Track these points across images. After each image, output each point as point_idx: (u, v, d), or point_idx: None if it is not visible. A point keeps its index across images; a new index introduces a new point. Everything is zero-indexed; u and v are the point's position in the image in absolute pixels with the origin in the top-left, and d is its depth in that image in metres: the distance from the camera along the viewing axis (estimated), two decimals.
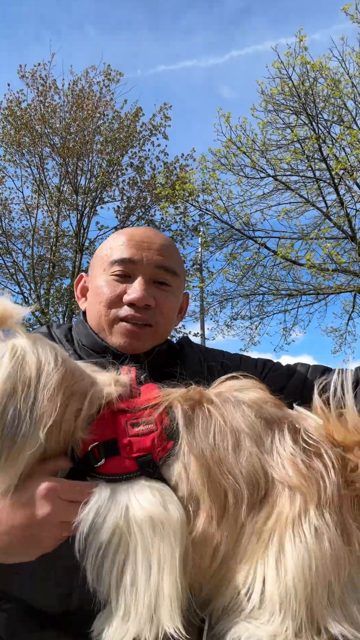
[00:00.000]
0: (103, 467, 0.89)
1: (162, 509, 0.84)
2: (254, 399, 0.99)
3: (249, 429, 0.93)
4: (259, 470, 0.90)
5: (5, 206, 13.94)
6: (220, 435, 0.92)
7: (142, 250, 1.26)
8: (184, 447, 0.91)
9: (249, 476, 0.89)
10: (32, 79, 13.62)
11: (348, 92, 10.30)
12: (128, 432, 0.91)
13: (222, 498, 0.87)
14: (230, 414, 0.95)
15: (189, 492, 0.88)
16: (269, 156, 11.06)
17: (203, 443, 0.91)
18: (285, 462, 0.90)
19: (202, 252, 12.29)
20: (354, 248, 10.75)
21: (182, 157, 13.79)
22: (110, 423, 0.92)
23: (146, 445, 0.90)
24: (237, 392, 1.00)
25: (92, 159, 13.70)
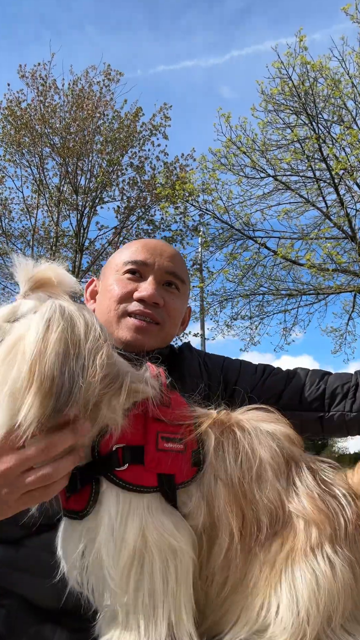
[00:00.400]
0: (124, 472, 0.85)
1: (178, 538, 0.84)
2: (282, 432, 0.98)
3: (272, 460, 0.92)
4: (279, 503, 0.89)
5: (5, 206, 13.94)
6: (247, 462, 0.91)
7: (155, 256, 1.35)
8: (209, 475, 0.89)
9: (270, 509, 0.88)
10: (32, 79, 13.62)
11: (348, 92, 10.31)
12: (158, 445, 0.88)
13: (243, 526, 0.87)
14: (257, 443, 0.94)
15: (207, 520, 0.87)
16: (269, 156, 11.07)
17: (231, 468, 0.90)
18: (303, 496, 0.90)
19: (202, 252, 12.30)
20: (354, 248, 10.75)
21: (182, 157, 13.80)
22: (141, 428, 0.89)
23: (172, 465, 0.87)
24: (265, 423, 0.99)
25: (92, 159, 13.70)
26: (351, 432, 1.38)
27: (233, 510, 0.86)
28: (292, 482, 0.93)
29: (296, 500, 0.90)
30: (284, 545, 0.87)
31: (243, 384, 1.41)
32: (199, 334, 13.03)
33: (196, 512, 0.87)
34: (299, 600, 0.82)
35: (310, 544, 0.86)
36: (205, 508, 0.87)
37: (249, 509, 0.88)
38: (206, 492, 0.88)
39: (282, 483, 0.92)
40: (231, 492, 0.88)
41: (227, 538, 0.85)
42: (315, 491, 0.91)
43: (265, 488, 0.90)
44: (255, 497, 0.89)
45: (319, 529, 0.87)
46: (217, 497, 0.88)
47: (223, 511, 0.87)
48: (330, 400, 1.38)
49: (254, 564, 0.86)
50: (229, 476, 0.89)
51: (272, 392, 1.39)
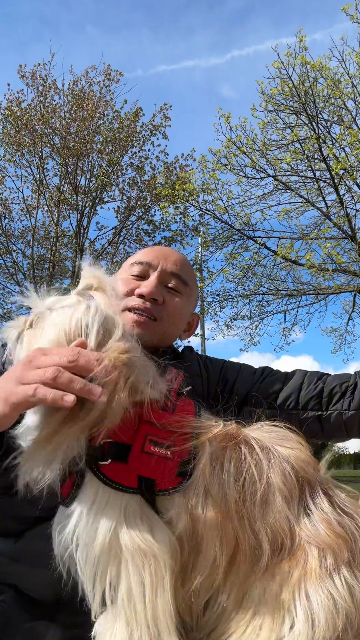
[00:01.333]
0: (106, 468, 0.87)
1: (152, 544, 0.82)
2: (297, 457, 0.95)
3: (283, 484, 0.90)
4: (285, 529, 0.87)
5: (5, 206, 13.94)
6: (250, 485, 0.89)
7: (160, 258, 1.41)
8: (199, 487, 0.87)
9: (273, 534, 0.86)
10: (32, 79, 13.62)
11: (348, 92, 10.30)
12: (143, 447, 0.88)
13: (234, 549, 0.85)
14: (266, 466, 0.91)
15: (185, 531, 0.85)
16: (269, 156, 11.07)
17: (228, 488, 0.87)
18: (318, 521, 0.88)
19: (202, 252, 12.30)
20: (354, 248, 10.75)
21: (182, 157, 13.80)
22: (133, 427, 0.89)
23: (155, 470, 0.87)
24: (279, 444, 0.96)
25: (92, 159, 13.70)
26: (350, 432, 1.38)
27: (219, 531, 0.84)
28: (305, 507, 0.90)
29: (309, 526, 0.88)
30: (291, 571, 0.84)
31: (242, 384, 1.42)
32: (199, 334, 13.03)
33: (176, 521, 0.86)
34: (316, 622, 0.80)
35: (327, 568, 0.84)
36: (185, 521, 0.85)
37: (244, 533, 0.85)
38: (191, 506, 0.86)
39: (294, 510, 0.89)
40: (222, 511, 0.85)
41: (211, 559, 0.83)
42: (332, 516, 0.89)
43: (271, 514, 0.87)
44: (255, 522, 0.86)
45: (334, 553, 0.85)
46: (205, 514, 0.85)
47: (208, 531, 0.84)
48: (328, 399, 1.38)
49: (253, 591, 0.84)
50: (223, 495, 0.86)
51: (270, 392, 1.40)
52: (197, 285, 1.52)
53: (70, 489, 0.87)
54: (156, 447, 0.88)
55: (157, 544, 0.82)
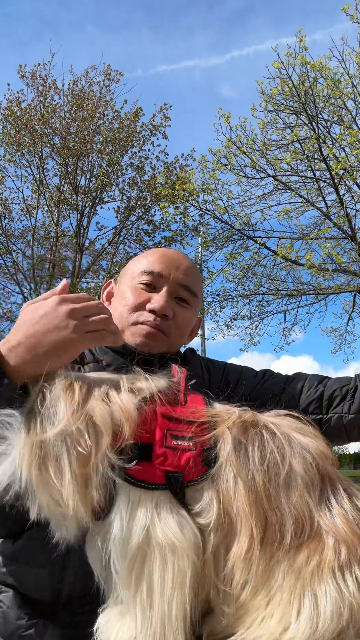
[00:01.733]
0: (133, 469, 0.87)
1: (181, 538, 0.83)
2: (316, 448, 0.95)
3: (304, 472, 0.90)
4: (306, 513, 0.88)
5: (5, 206, 13.94)
6: (274, 467, 0.89)
7: (171, 269, 1.38)
8: (227, 473, 0.88)
9: (296, 517, 0.87)
10: (32, 79, 13.63)
11: (348, 92, 10.31)
12: (165, 442, 0.89)
13: (264, 529, 0.86)
14: (289, 451, 0.92)
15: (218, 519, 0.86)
16: (269, 156, 11.07)
17: (255, 469, 0.88)
18: (337, 515, 0.89)
19: (202, 252, 12.30)
20: (354, 248, 10.76)
21: (182, 157, 13.81)
22: (149, 425, 0.90)
23: (180, 463, 0.88)
24: (298, 434, 0.97)
25: (92, 159, 13.70)
26: (350, 435, 1.38)
27: (253, 512, 0.85)
28: (326, 499, 0.90)
29: (328, 517, 0.88)
30: (310, 558, 0.85)
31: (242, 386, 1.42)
32: (199, 334, 13.02)
33: (207, 510, 0.87)
34: (320, 616, 0.81)
35: (339, 562, 0.84)
36: (217, 507, 0.86)
37: (273, 513, 0.86)
38: (222, 491, 0.87)
39: (314, 497, 0.89)
40: (252, 492, 0.86)
41: (247, 539, 0.84)
42: (350, 514, 0.89)
43: (293, 496, 0.88)
44: (280, 502, 0.87)
45: (348, 548, 0.85)
46: (237, 496, 0.87)
47: (242, 511, 0.86)
48: (329, 403, 1.39)
49: (277, 570, 0.85)
50: (251, 476, 0.87)
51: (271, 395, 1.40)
52: (202, 290, 1.52)
53: (105, 503, 0.87)
54: (177, 440, 0.89)
55: (186, 540, 0.83)
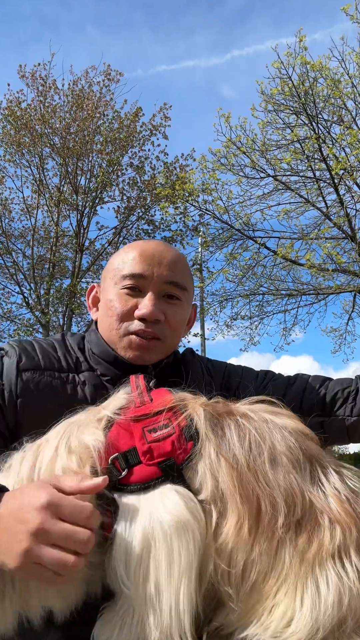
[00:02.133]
0: (126, 478, 0.88)
1: (187, 514, 0.82)
2: (295, 428, 0.94)
3: (289, 452, 0.89)
4: (297, 491, 0.86)
5: (5, 206, 13.93)
6: (255, 446, 0.88)
7: (153, 266, 1.28)
8: (209, 448, 0.88)
9: (286, 493, 0.85)
10: (32, 79, 13.63)
11: (348, 92, 10.30)
12: (146, 439, 0.89)
13: (255, 506, 0.84)
14: (268, 432, 0.91)
15: (214, 493, 0.86)
16: (269, 156, 11.06)
17: (235, 448, 0.88)
18: (329, 495, 0.87)
19: (202, 252, 12.29)
20: (354, 248, 10.75)
21: (182, 157, 13.80)
22: (127, 432, 0.91)
23: (167, 450, 0.88)
24: (274, 416, 0.96)
25: (92, 159, 13.70)
26: (352, 437, 1.38)
27: (237, 488, 0.84)
28: (318, 480, 0.89)
29: (322, 497, 0.87)
30: (311, 540, 0.83)
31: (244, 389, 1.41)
32: (199, 334, 13.04)
33: (204, 483, 0.87)
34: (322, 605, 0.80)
35: (336, 546, 0.83)
36: (211, 479, 0.86)
37: (261, 488, 0.85)
38: (209, 465, 0.87)
39: (304, 477, 0.88)
40: (235, 470, 0.86)
41: (235, 516, 0.84)
42: (343, 493, 0.88)
43: (280, 473, 0.86)
44: (268, 478, 0.85)
45: (343, 530, 0.84)
46: (220, 473, 0.86)
47: (227, 489, 0.85)
48: (331, 405, 1.38)
49: (283, 552, 0.83)
50: (232, 454, 0.87)
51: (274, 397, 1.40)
52: (192, 278, 1.44)
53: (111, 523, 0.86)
54: (155, 432, 0.90)
55: (190, 514, 0.82)
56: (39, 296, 13.39)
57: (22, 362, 1.24)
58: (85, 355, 1.33)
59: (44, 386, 1.23)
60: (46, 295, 13.56)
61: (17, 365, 1.23)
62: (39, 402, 1.21)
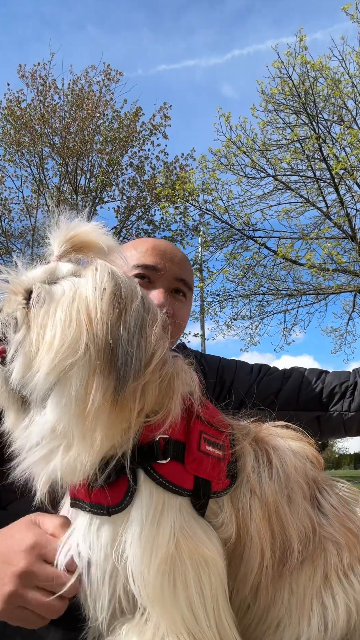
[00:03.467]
0: (163, 467, 0.78)
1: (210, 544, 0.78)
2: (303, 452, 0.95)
3: (301, 480, 0.90)
4: (308, 524, 0.86)
5: (5, 206, 13.93)
6: (282, 482, 0.88)
7: (166, 261, 1.30)
8: (245, 489, 0.85)
9: (300, 530, 0.85)
10: (31, 78, 13.62)
11: (348, 92, 10.29)
12: (200, 446, 0.82)
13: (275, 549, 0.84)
14: (288, 461, 0.91)
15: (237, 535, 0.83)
16: (269, 156, 11.06)
17: (267, 488, 0.86)
18: (331, 517, 0.88)
19: (202, 252, 12.29)
20: (354, 248, 10.75)
21: (182, 157, 13.80)
22: (184, 424, 0.83)
23: (211, 471, 0.82)
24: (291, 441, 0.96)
25: (92, 158, 13.69)
26: (349, 432, 1.37)
27: (265, 529, 0.83)
28: (316, 503, 0.90)
29: (325, 522, 0.88)
30: (316, 571, 0.84)
31: (239, 384, 1.40)
32: (199, 334, 13.03)
33: (227, 524, 0.82)
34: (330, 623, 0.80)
35: (343, 567, 0.84)
36: (236, 522, 0.82)
37: (281, 530, 0.84)
38: (240, 506, 0.83)
39: (311, 504, 0.89)
40: (265, 509, 0.84)
41: (259, 557, 0.82)
42: (341, 510, 0.89)
43: (296, 509, 0.86)
44: (287, 517, 0.85)
45: (350, 550, 0.85)
46: (252, 512, 0.83)
47: (255, 528, 0.82)
48: (328, 400, 1.37)
49: (284, 589, 0.83)
50: (264, 493, 0.85)
51: (269, 392, 1.38)
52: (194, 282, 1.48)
53: (123, 497, 0.78)
54: (211, 446, 0.84)
55: (214, 548, 0.78)
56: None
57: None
58: None
59: None
60: None
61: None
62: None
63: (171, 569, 0.75)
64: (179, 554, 0.75)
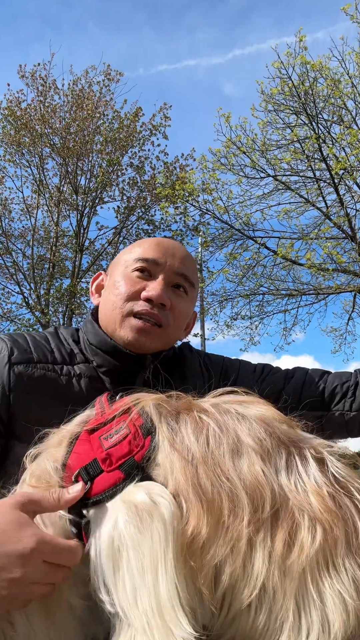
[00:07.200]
0: (90, 491, 0.82)
1: (148, 501, 0.76)
2: (263, 415, 0.87)
3: (255, 444, 0.82)
4: (264, 484, 0.78)
5: (5, 206, 13.94)
6: (214, 440, 0.82)
7: (167, 256, 1.31)
8: (163, 441, 0.83)
9: (252, 487, 0.77)
10: (32, 79, 13.64)
11: (348, 92, 10.31)
12: (104, 446, 0.85)
13: (215, 503, 0.77)
14: (232, 425, 0.85)
15: (174, 488, 0.80)
16: (269, 156, 11.07)
17: (190, 442, 0.83)
18: (308, 490, 0.78)
19: (202, 252, 12.29)
20: (354, 248, 10.76)
21: (182, 157, 13.81)
22: (86, 446, 0.88)
23: (124, 451, 0.84)
24: (239, 406, 0.89)
25: (92, 159, 13.70)
26: (351, 433, 1.37)
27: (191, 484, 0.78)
28: (295, 470, 0.81)
29: (299, 492, 0.78)
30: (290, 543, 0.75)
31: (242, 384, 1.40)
32: (199, 334, 13.03)
33: (169, 476, 0.81)
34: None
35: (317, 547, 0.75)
36: (170, 472, 0.81)
37: (219, 483, 0.77)
38: (167, 458, 0.82)
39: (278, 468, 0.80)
40: (190, 463, 0.80)
41: (195, 513, 0.77)
42: (324, 488, 0.79)
43: (244, 465, 0.79)
44: (228, 471, 0.79)
45: (326, 533, 0.75)
46: (174, 468, 0.81)
47: (182, 485, 0.79)
48: (330, 400, 1.38)
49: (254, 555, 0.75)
50: (185, 447, 0.82)
51: (271, 392, 1.39)
52: (198, 282, 1.45)
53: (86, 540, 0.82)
54: (112, 437, 0.86)
55: (155, 505, 0.76)
56: (38, 296, 13.39)
57: (14, 356, 1.22)
58: (80, 346, 1.32)
59: (38, 379, 1.22)
60: (46, 295, 13.57)
61: (8, 359, 1.22)
62: (33, 395, 1.20)
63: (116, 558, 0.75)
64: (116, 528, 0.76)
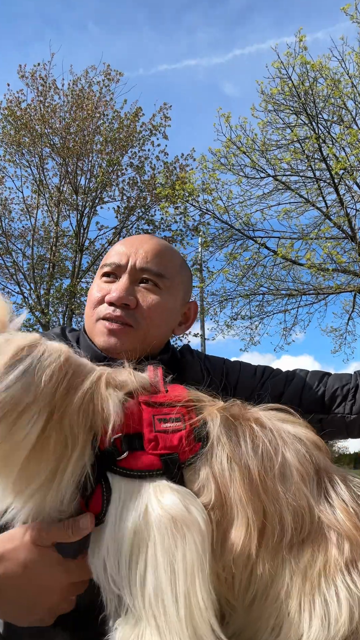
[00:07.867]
0: (125, 461, 0.83)
1: (184, 511, 0.77)
2: (308, 438, 0.91)
3: (300, 465, 0.86)
4: (305, 507, 0.83)
5: (5, 206, 13.95)
6: (268, 459, 0.85)
7: (130, 255, 1.28)
8: (220, 454, 0.84)
9: (295, 512, 0.82)
10: (32, 79, 13.64)
11: (348, 92, 10.31)
12: (155, 427, 0.85)
13: (262, 521, 0.81)
14: (281, 443, 0.87)
15: (217, 499, 0.82)
16: (269, 156, 11.07)
17: (249, 457, 0.84)
18: (338, 509, 0.84)
19: (202, 252, 12.29)
20: (354, 248, 10.76)
21: (182, 157, 13.81)
22: (135, 415, 0.87)
23: (173, 444, 0.84)
24: (289, 425, 0.93)
25: (92, 159, 13.71)
26: (351, 435, 1.38)
27: (250, 499, 0.81)
28: (325, 493, 0.86)
29: (329, 511, 0.84)
30: (315, 556, 0.80)
31: (242, 386, 1.40)
32: (199, 334, 13.04)
33: (205, 488, 0.83)
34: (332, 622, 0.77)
35: (345, 560, 0.80)
36: (215, 485, 0.82)
37: (270, 504, 0.81)
38: (217, 472, 0.83)
39: (312, 491, 0.85)
40: (248, 480, 0.82)
41: (244, 527, 0.80)
42: (351, 506, 0.85)
43: (290, 488, 0.83)
44: (278, 493, 0.82)
45: (352, 544, 0.81)
46: (232, 481, 0.82)
47: (238, 498, 0.81)
48: (330, 403, 1.38)
49: (284, 569, 0.80)
50: (244, 463, 0.83)
51: (272, 394, 1.39)
52: (183, 271, 1.38)
53: (102, 503, 0.83)
54: (166, 423, 0.86)
55: (192, 515, 0.77)
56: (38, 296, 13.39)
57: None
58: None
59: None
60: (46, 295, 13.57)
61: None
62: None
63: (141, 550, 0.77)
64: (147, 525, 0.77)
